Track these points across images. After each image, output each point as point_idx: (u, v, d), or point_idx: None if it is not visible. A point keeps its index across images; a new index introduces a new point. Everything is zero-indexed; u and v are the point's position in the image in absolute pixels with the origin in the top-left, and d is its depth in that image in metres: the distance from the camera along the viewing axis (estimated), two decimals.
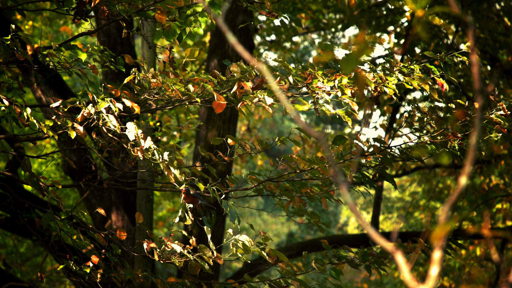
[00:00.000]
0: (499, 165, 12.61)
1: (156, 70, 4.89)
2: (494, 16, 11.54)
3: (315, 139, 1.81)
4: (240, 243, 4.77)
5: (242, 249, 4.78)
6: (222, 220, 9.79)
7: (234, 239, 4.77)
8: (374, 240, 1.77)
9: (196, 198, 4.78)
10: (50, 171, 12.06)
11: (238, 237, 4.78)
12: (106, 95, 4.70)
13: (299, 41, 18.36)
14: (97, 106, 4.48)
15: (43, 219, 4.76)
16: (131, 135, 4.44)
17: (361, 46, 1.83)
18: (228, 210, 4.67)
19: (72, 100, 4.61)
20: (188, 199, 4.77)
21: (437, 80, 5.05)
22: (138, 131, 4.47)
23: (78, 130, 4.50)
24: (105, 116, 4.45)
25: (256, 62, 2.02)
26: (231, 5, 9.38)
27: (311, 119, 28.84)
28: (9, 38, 4.55)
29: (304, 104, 4.88)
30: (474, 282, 10.51)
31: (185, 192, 4.73)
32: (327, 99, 4.91)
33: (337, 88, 4.85)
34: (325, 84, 4.86)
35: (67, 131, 4.48)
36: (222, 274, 22.00)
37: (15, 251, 11.07)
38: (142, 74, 4.80)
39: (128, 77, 4.75)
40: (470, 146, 1.66)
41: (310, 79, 4.92)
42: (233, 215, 4.68)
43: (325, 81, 4.87)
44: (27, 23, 13.08)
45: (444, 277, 13.69)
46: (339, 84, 4.82)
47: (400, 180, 20.22)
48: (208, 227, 4.81)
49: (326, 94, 4.88)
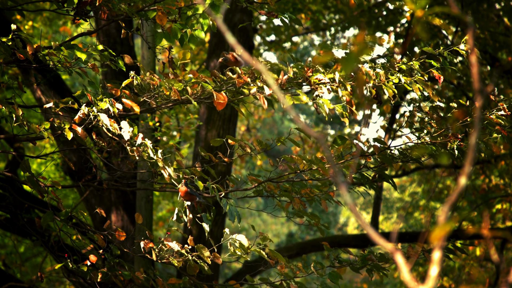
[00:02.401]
0: (499, 165, 12.61)
1: (156, 70, 4.89)
2: (494, 16, 11.54)
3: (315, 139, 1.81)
4: (238, 243, 4.77)
5: (239, 249, 4.78)
6: (222, 220, 9.79)
7: (232, 238, 4.76)
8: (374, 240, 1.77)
9: (194, 196, 4.78)
10: (49, 171, 12.06)
11: (235, 236, 4.78)
12: (106, 95, 4.70)
13: (298, 42, 18.36)
14: (94, 107, 4.47)
15: (43, 220, 4.76)
16: (126, 134, 4.45)
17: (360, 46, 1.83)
18: (227, 208, 4.67)
19: (66, 100, 4.61)
20: (186, 197, 4.78)
21: (434, 73, 5.05)
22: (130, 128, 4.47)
23: (77, 131, 4.50)
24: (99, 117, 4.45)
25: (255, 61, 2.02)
26: (230, 5, 9.38)
27: (311, 119, 28.83)
28: (10, 38, 4.55)
29: (301, 96, 4.87)
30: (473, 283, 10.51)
31: (184, 187, 4.73)
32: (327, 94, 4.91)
33: (337, 82, 4.84)
34: (325, 77, 4.86)
35: (64, 132, 4.47)
36: (221, 274, 21.99)
37: (14, 251, 11.06)
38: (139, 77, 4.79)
39: (127, 80, 4.75)
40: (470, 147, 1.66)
41: (310, 72, 4.91)
42: (232, 214, 4.68)
43: (326, 74, 4.86)
44: (27, 23, 13.07)
45: (444, 277, 13.69)
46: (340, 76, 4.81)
47: (400, 181, 20.22)
48: (207, 224, 4.81)
49: (326, 90, 4.87)
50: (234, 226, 27.88)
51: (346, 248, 5.38)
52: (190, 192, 4.78)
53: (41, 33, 5.33)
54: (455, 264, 13.80)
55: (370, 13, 12.23)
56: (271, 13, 5.01)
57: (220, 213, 9.44)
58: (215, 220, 9.55)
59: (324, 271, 5.19)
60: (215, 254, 4.84)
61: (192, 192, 4.79)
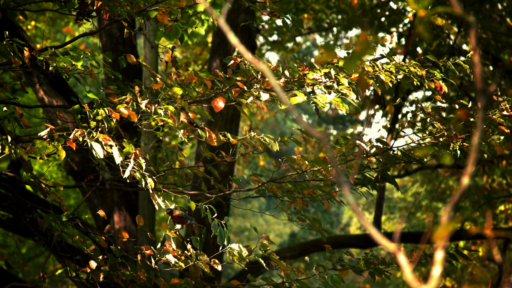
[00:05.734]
0: (501, 165, 12.60)
1: (159, 70, 4.90)
2: (496, 16, 11.53)
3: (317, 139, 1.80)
4: (236, 251, 4.79)
5: (237, 257, 4.80)
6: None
7: (230, 247, 4.79)
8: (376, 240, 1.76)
9: (184, 219, 4.85)
10: (52, 171, 12.06)
11: (231, 245, 4.80)
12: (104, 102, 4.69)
13: (301, 42, 18.36)
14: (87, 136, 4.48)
15: (44, 220, 4.76)
16: (117, 158, 4.47)
17: (363, 46, 1.83)
18: (217, 231, 4.70)
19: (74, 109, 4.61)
20: (177, 219, 4.86)
21: (436, 83, 5.05)
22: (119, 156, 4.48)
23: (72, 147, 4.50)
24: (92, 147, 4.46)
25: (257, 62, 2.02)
26: (233, 5, 9.38)
27: (313, 119, 28.83)
28: (4, 44, 4.54)
29: (299, 96, 4.88)
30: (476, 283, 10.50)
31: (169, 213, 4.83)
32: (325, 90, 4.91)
33: (333, 77, 4.85)
34: (320, 74, 4.87)
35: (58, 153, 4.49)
36: (224, 274, 22.00)
37: (17, 251, 11.07)
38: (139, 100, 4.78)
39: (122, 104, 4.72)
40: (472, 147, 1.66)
41: (307, 70, 4.91)
42: (222, 236, 4.71)
43: (321, 71, 4.87)
44: (30, 23, 13.08)
45: (447, 278, 13.68)
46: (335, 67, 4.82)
47: (403, 181, 20.21)
48: (196, 247, 4.85)
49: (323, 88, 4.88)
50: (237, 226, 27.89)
51: (348, 250, 5.38)
52: (180, 216, 4.85)
53: (43, 34, 5.33)
54: (458, 264, 13.79)
55: (372, 13, 12.23)
56: (274, 13, 5.00)
57: (222, 213, 9.43)
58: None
59: (326, 273, 5.18)
60: (214, 260, 4.86)
61: (182, 215, 4.85)
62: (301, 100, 4.87)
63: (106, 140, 4.47)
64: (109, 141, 4.47)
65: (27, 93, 5.41)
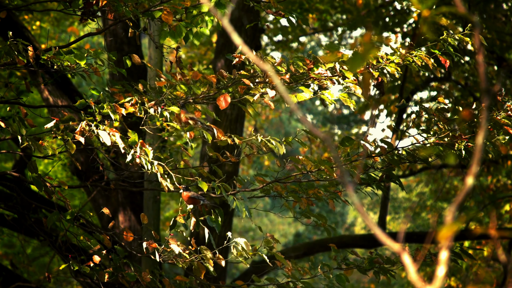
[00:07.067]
0: (506, 165, 12.58)
1: (164, 70, 4.91)
2: (501, 16, 11.52)
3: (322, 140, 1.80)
4: (240, 246, 4.78)
5: (242, 252, 4.79)
6: (229, 220, 9.78)
7: (235, 241, 4.78)
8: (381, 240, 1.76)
9: (197, 200, 4.77)
10: (57, 171, 12.08)
11: (237, 239, 4.79)
12: (110, 99, 4.71)
13: (305, 42, 18.36)
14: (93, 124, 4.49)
15: (48, 220, 4.77)
16: (121, 145, 4.48)
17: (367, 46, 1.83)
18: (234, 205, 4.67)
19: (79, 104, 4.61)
20: (190, 201, 4.78)
21: (440, 58, 5.05)
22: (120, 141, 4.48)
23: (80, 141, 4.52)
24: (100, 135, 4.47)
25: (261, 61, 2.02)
26: (237, 5, 9.38)
27: (317, 119, 28.82)
28: (8, 44, 4.55)
29: (305, 92, 4.88)
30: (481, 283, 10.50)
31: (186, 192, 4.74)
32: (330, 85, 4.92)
33: (338, 71, 4.86)
34: (325, 68, 4.87)
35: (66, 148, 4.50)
36: (229, 274, 22.00)
37: (22, 251, 11.08)
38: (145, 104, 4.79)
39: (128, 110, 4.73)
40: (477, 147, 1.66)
41: (311, 64, 4.92)
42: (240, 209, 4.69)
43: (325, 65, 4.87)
44: (35, 23, 13.10)
45: (451, 278, 13.66)
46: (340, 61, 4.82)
47: (407, 181, 20.20)
48: (213, 226, 4.81)
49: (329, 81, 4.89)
50: (242, 226, 27.88)
51: (353, 250, 5.38)
52: (193, 197, 4.78)
53: (48, 34, 5.34)
54: (463, 264, 13.78)
55: (377, 13, 12.23)
56: (278, 12, 5.01)
57: (227, 213, 9.44)
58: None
59: (331, 272, 5.18)
60: (219, 256, 4.85)
61: (195, 196, 4.78)
62: (308, 97, 4.87)
63: (112, 131, 4.49)
64: (116, 132, 4.48)
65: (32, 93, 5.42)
